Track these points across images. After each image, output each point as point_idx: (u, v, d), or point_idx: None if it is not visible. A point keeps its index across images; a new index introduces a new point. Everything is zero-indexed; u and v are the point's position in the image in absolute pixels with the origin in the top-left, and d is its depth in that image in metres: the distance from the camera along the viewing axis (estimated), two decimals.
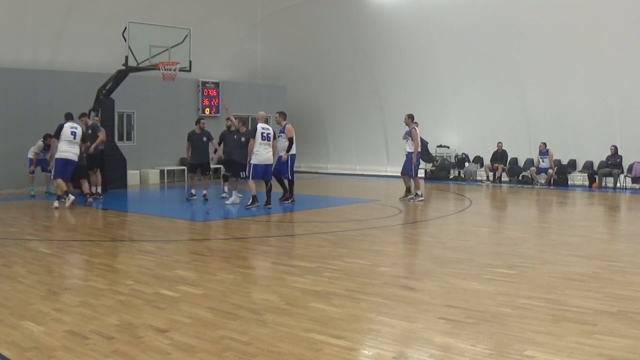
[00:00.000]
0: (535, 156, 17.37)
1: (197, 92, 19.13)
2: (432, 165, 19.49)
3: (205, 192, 12.98)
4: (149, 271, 6.29)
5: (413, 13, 18.54)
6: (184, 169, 18.31)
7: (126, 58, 14.07)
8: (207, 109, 19.08)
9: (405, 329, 4.37)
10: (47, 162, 13.89)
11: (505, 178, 18.02)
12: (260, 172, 11.31)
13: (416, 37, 18.89)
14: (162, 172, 17.96)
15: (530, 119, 17.72)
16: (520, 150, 18.02)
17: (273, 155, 11.61)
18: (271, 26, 21.15)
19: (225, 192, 13.39)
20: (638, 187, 15.89)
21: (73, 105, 14.73)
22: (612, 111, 16.11)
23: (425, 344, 4.05)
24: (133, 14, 14.97)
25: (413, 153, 12.80)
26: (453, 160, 19.50)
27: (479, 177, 18.23)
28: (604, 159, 16.29)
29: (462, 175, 19.06)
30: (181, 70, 14.58)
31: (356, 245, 8.05)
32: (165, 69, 14.14)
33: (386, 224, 10.10)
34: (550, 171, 16.84)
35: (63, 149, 11.62)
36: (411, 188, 13.10)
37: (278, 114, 12.26)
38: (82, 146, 12.17)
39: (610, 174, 16.03)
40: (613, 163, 16.00)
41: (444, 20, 17.96)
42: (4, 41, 15.38)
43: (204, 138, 13.02)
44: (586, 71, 16.04)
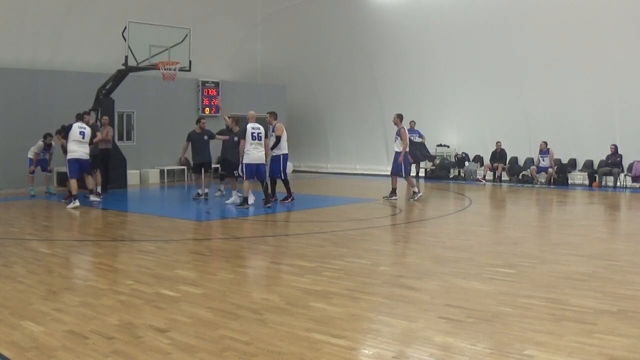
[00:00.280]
0: (535, 155, 17.37)
1: (197, 92, 19.15)
2: (432, 164, 19.50)
3: (206, 191, 13.03)
4: (149, 271, 6.29)
5: (413, 13, 18.54)
6: (184, 169, 18.33)
7: (126, 58, 14.07)
8: (207, 109, 19.10)
9: (405, 329, 4.37)
10: (47, 162, 13.91)
11: (505, 177, 18.04)
12: (252, 172, 11.33)
13: (416, 37, 18.90)
14: (162, 172, 17.97)
15: (530, 119, 17.71)
16: (520, 149, 18.03)
17: (265, 154, 11.64)
18: (271, 26, 21.14)
19: (220, 192, 13.45)
20: (638, 186, 15.88)
21: (73, 105, 14.76)
22: (612, 111, 16.11)
23: (425, 344, 4.05)
24: (133, 14, 14.97)
25: (401, 152, 12.79)
26: (453, 159, 19.51)
27: (478, 176, 18.24)
28: (604, 158, 16.29)
29: (462, 174, 19.06)
30: (181, 70, 14.58)
31: (356, 244, 8.04)
32: (165, 69, 14.14)
33: (386, 224, 10.11)
34: (550, 170, 16.83)
35: (72, 149, 11.70)
36: (397, 189, 13.07)
37: (269, 114, 12.23)
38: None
39: (610, 173, 16.03)
40: (613, 162, 15.99)
41: (444, 20, 17.96)
42: (4, 41, 15.39)
43: (205, 137, 13.04)
44: (586, 71, 16.04)
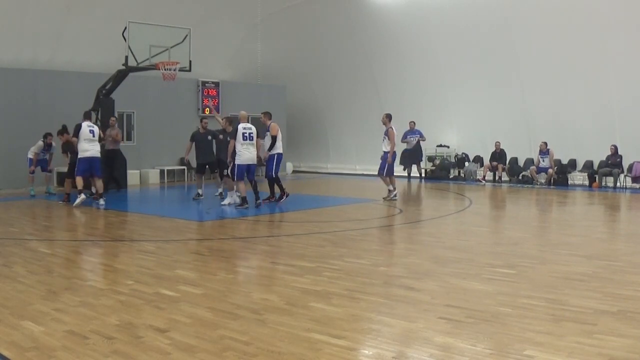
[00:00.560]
0: (535, 156, 17.37)
1: (197, 92, 19.15)
2: (432, 164, 19.50)
3: (220, 191, 13.15)
4: (149, 271, 6.29)
5: (413, 13, 18.54)
6: (184, 169, 18.34)
7: (126, 58, 14.06)
8: (207, 109, 19.09)
9: (405, 329, 4.37)
10: (47, 162, 13.91)
11: (505, 178, 18.04)
12: (242, 172, 11.36)
13: (416, 37, 18.89)
14: (162, 172, 17.98)
15: (530, 119, 17.71)
16: (520, 149, 18.02)
17: (258, 154, 11.68)
18: (271, 26, 21.14)
19: (220, 192, 13.50)
20: (638, 187, 15.88)
21: (73, 105, 14.79)
22: (612, 111, 16.10)
23: (425, 344, 4.05)
24: (133, 14, 14.96)
25: (389, 152, 12.83)
26: (453, 160, 19.51)
27: (478, 177, 18.24)
28: (604, 159, 16.28)
29: (462, 175, 19.06)
30: (181, 70, 14.57)
31: (356, 245, 8.04)
32: (165, 69, 14.13)
33: (386, 224, 10.11)
34: (550, 171, 16.83)
35: (84, 148, 11.70)
36: (391, 187, 13.11)
37: (263, 114, 12.30)
38: None
39: (610, 174, 16.03)
40: (613, 163, 15.99)
41: (444, 20, 17.96)
42: (4, 41, 15.39)
43: (209, 137, 13.06)
44: (586, 71, 16.04)
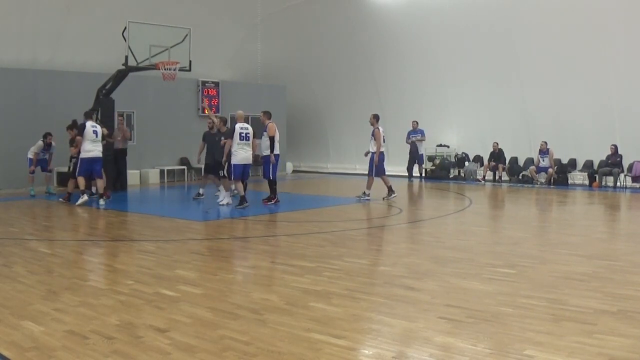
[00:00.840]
0: (535, 155, 17.37)
1: (197, 92, 19.13)
2: (432, 164, 19.49)
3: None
4: (149, 271, 6.29)
5: (413, 13, 18.53)
6: (184, 169, 18.34)
7: (126, 58, 14.05)
8: (207, 109, 19.08)
9: (405, 329, 4.37)
10: (47, 162, 13.91)
11: (505, 177, 18.03)
12: (239, 173, 11.38)
13: (416, 37, 18.88)
14: (162, 172, 17.97)
15: (530, 119, 17.71)
16: (520, 149, 18.02)
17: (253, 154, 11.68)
18: (271, 26, 21.13)
19: (219, 192, 13.48)
20: (638, 187, 15.88)
21: (73, 105, 14.78)
22: (612, 111, 16.10)
23: (425, 344, 4.05)
24: (133, 14, 14.94)
25: (375, 153, 12.84)
26: (453, 159, 19.51)
27: (478, 176, 18.24)
28: (604, 158, 16.28)
29: (462, 174, 19.06)
30: (181, 70, 14.56)
31: (356, 244, 8.05)
32: (165, 69, 14.12)
33: (386, 224, 10.11)
34: (550, 170, 16.83)
35: (87, 149, 11.74)
36: (391, 187, 13.12)
37: (262, 113, 12.27)
38: None
39: (610, 173, 16.03)
40: (613, 162, 15.99)
41: (444, 20, 17.95)
42: (4, 41, 15.37)
43: (216, 138, 13.03)
44: (586, 71, 16.03)
